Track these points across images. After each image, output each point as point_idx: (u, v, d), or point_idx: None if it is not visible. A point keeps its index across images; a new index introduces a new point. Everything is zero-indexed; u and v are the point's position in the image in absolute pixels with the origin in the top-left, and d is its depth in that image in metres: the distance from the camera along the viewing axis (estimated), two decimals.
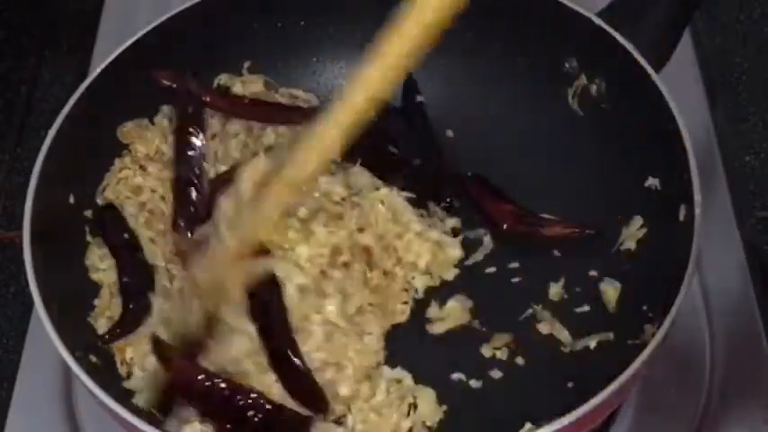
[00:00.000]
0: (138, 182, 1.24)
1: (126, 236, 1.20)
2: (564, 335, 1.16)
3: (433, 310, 1.19)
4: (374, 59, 0.94)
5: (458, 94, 1.35)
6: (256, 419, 1.03)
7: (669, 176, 1.14)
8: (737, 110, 1.50)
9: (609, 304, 1.17)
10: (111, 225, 1.21)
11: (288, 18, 1.33)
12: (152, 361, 1.11)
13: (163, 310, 1.15)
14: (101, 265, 1.19)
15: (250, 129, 1.28)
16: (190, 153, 1.24)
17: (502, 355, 1.15)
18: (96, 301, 1.17)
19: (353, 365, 1.11)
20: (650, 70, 1.15)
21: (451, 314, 1.19)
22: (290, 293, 1.10)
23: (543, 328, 1.17)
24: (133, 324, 1.14)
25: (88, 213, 1.21)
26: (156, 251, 1.20)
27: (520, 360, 1.15)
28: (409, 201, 1.22)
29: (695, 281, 1.25)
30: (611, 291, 1.17)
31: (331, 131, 0.98)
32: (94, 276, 1.19)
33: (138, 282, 1.17)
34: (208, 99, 1.28)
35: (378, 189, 1.21)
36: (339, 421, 1.08)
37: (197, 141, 1.25)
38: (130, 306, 1.15)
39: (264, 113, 1.30)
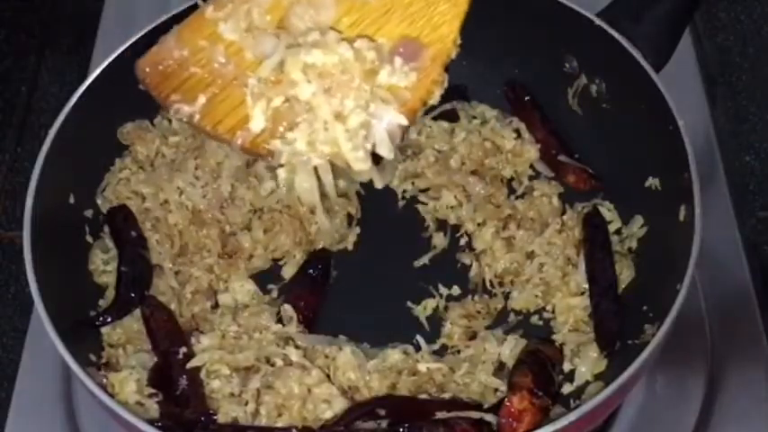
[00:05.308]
0: (141, 188, 1.24)
1: (134, 233, 1.20)
2: None
3: None
4: None
5: None
6: None
7: (669, 176, 1.14)
8: (737, 110, 1.50)
9: None
10: (122, 222, 1.21)
11: None
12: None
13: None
14: (105, 267, 1.20)
15: None
16: None
17: None
18: (101, 302, 1.17)
19: None
20: (650, 70, 1.15)
21: None
22: None
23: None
24: (123, 311, 1.15)
25: (88, 213, 1.22)
26: (163, 252, 1.20)
27: None
28: None
29: (695, 281, 1.25)
30: None
31: None
32: (99, 279, 1.19)
33: (134, 273, 1.17)
34: None
35: None
36: None
37: None
38: (126, 294, 1.15)
39: None
